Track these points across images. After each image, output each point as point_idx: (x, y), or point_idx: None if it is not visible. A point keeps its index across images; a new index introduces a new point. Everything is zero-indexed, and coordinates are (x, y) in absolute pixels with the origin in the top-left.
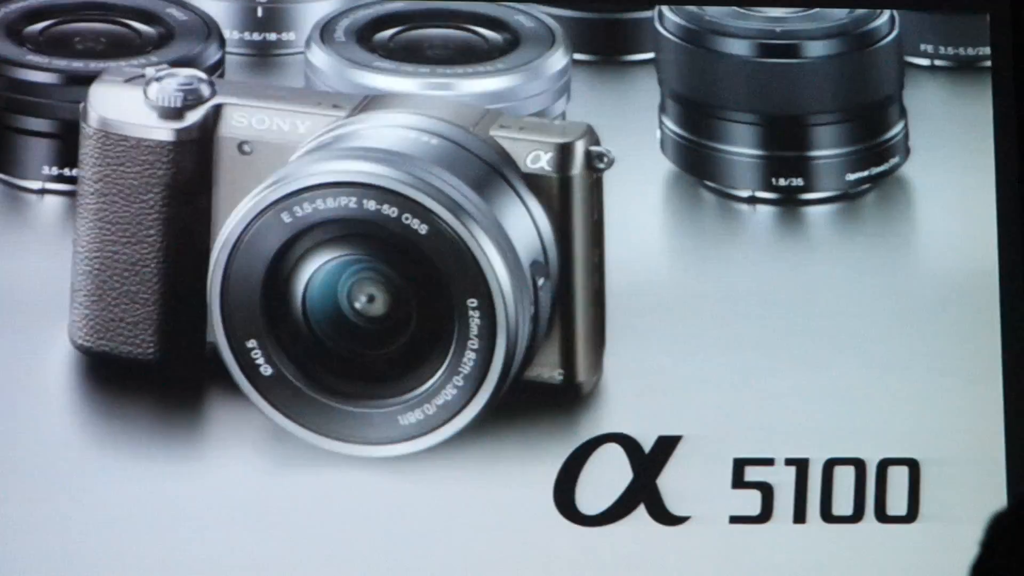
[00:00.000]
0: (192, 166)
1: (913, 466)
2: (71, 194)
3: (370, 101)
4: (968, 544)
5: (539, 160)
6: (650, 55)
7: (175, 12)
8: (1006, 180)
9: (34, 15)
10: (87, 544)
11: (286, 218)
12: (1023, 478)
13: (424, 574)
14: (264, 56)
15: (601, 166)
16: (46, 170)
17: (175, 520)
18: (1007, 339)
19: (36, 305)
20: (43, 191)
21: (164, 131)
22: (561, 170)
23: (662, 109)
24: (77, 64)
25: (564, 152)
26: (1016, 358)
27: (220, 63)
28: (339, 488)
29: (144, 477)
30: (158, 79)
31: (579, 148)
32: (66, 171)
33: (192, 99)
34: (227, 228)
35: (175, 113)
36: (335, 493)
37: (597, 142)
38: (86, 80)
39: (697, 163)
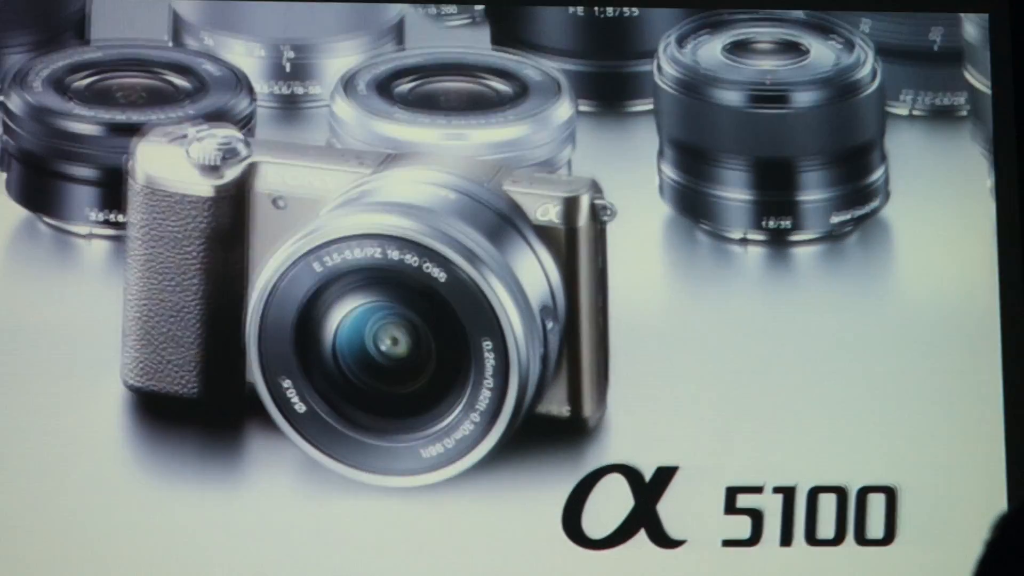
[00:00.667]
0: (230, 219)
1: (890, 493)
2: (116, 238)
3: (392, 158)
4: (941, 564)
5: (548, 213)
6: (649, 105)
7: (209, 66)
8: (1004, 178)
9: (79, 69)
10: (135, 568)
11: (317, 267)
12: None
13: None
14: (292, 107)
15: (605, 218)
16: (92, 215)
17: (218, 544)
18: (1008, 365)
19: (88, 345)
20: (90, 235)
21: (204, 187)
22: (568, 222)
23: (660, 155)
24: (119, 116)
25: (571, 205)
26: (1017, 378)
27: (251, 114)
28: (366, 515)
29: (189, 504)
30: (199, 139)
31: (584, 201)
32: (111, 216)
33: (230, 157)
34: (263, 276)
35: (214, 170)
36: (362, 520)
37: (601, 195)
38: (128, 130)
39: (693, 206)
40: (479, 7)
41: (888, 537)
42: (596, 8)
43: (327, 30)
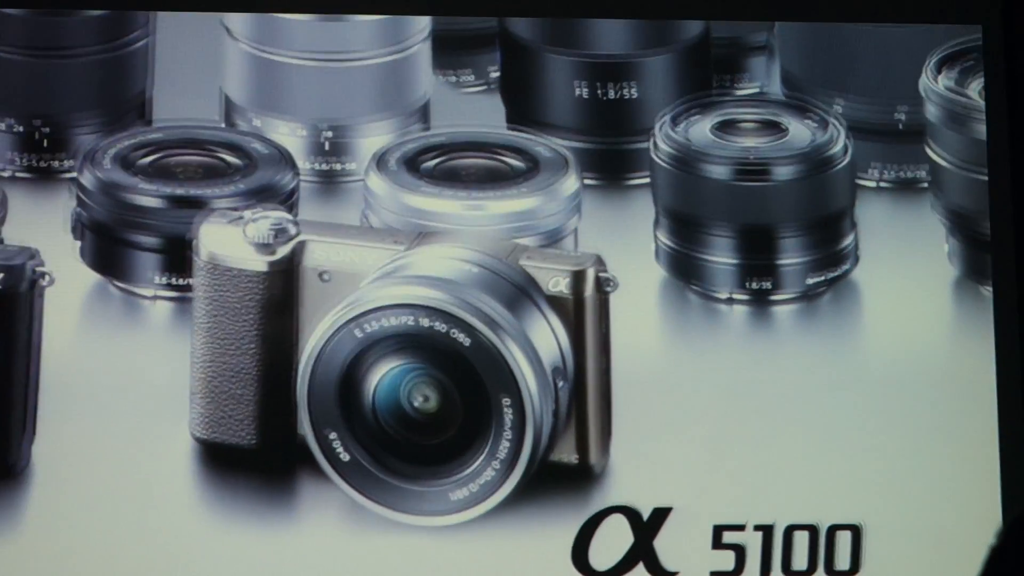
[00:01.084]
0: (281, 291)
1: (856, 530)
2: (178, 299)
3: (422, 236)
4: None
5: (558, 284)
6: (646, 178)
7: (257, 144)
8: (997, 188)
9: (142, 148)
10: None
11: (357, 333)
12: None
13: None
14: (330, 182)
15: (608, 289)
16: (156, 279)
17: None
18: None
19: (156, 399)
20: (155, 297)
21: (259, 263)
22: (576, 293)
23: (656, 224)
24: (179, 189)
25: (578, 278)
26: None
27: (295, 188)
28: (401, 551)
29: (247, 545)
30: (254, 220)
31: (590, 275)
32: (173, 279)
33: (281, 237)
34: (311, 342)
35: (268, 248)
36: (398, 555)
37: (605, 269)
38: (187, 203)
39: (684, 269)
40: (494, 74)
41: (854, 568)
42: (599, 91)
43: (361, 112)
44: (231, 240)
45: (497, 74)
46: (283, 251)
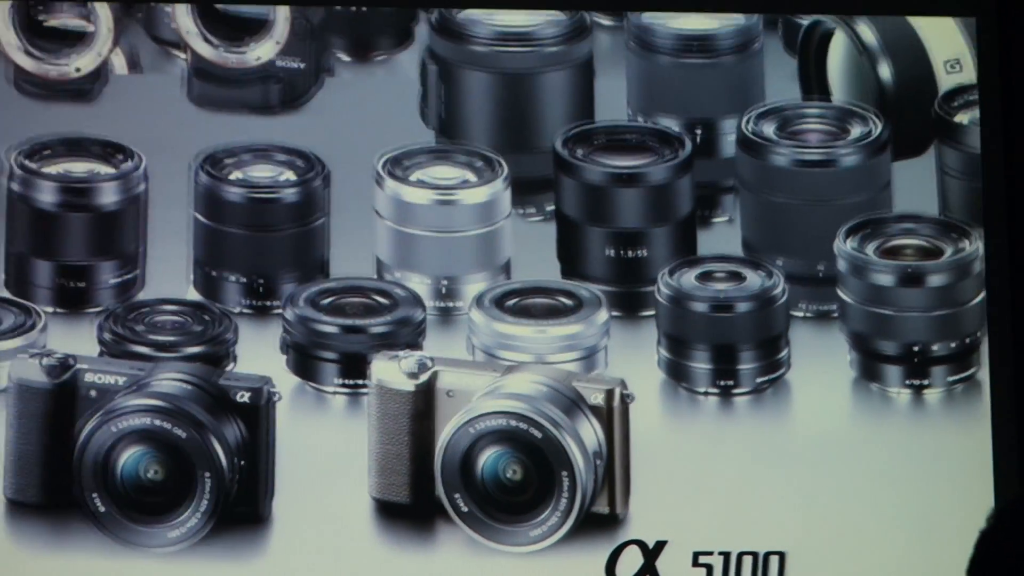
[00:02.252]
0: (423, 403)
1: (782, 555)
2: (352, 395)
3: (511, 368)
4: None
5: (597, 398)
6: (652, 312)
7: (398, 290)
8: (991, 179)
9: (324, 293)
10: None
11: (471, 431)
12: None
13: None
14: (446, 316)
15: (628, 401)
16: (336, 380)
17: None
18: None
19: (341, 467)
20: (335, 392)
21: (408, 386)
22: (608, 404)
23: (658, 342)
24: (347, 321)
25: (609, 395)
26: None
27: (423, 320)
28: (501, 568)
29: (405, 564)
30: (404, 358)
31: (617, 392)
32: (347, 381)
33: (422, 370)
34: (443, 436)
35: (414, 376)
36: (500, 571)
37: (626, 388)
38: (354, 330)
39: (675, 372)
40: (549, 208)
41: None
42: (622, 253)
43: (467, 269)
44: (391, 371)
45: (551, 208)
46: (424, 378)
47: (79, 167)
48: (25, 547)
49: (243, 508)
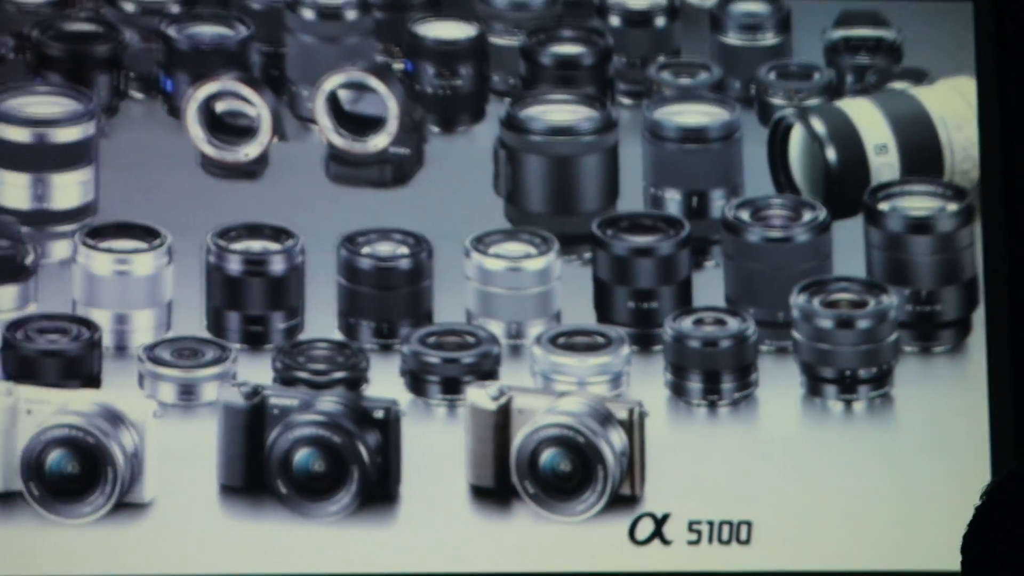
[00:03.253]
0: (502, 419)
1: (750, 524)
2: (450, 407)
3: (563, 393)
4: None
5: (622, 414)
6: (660, 348)
7: (481, 331)
8: (988, 162)
9: (430, 334)
10: None
11: (536, 437)
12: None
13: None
14: (515, 351)
15: (645, 415)
16: (438, 396)
17: (489, 554)
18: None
19: (444, 460)
20: (438, 405)
21: (493, 407)
22: (630, 418)
23: (664, 369)
24: (446, 354)
25: (631, 411)
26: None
27: (499, 354)
28: (557, 532)
29: (495, 529)
30: (490, 387)
31: (636, 410)
32: (447, 397)
33: (502, 396)
34: (516, 441)
35: (496, 400)
36: (556, 533)
37: (643, 407)
38: (451, 361)
39: (677, 391)
40: (587, 255)
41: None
42: (639, 305)
43: (530, 316)
44: (480, 397)
45: (588, 255)
46: (502, 401)
47: (256, 244)
48: (231, 517)
49: (380, 491)
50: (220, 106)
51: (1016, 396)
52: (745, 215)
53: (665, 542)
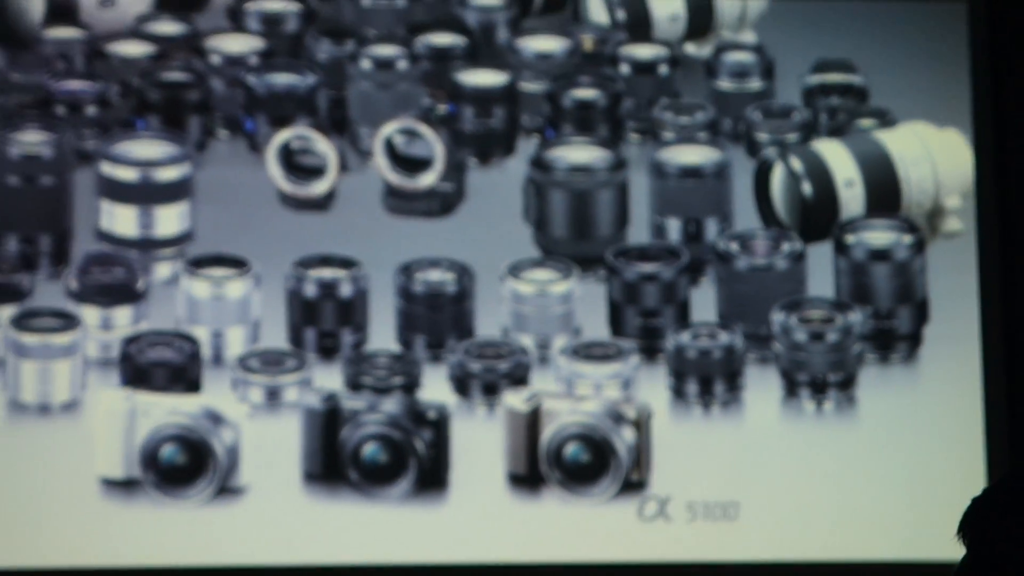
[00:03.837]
0: (534, 419)
1: (737, 503)
2: (490, 408)
3: (583, 397)
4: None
5: (632, 415)
6: (664, 357)
7: (515, 344)
8: (984, 162)
9: (473, 345)
10: None
11: (561, 434)
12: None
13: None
14: (543, 361)
15: (650, 415)
16: (479, 399)
17: (516, 544)
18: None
19: (486, 451)
20: (480, 406)
21: (526, 409)
22: (639, 418)
23: (667, 374)
24: (486, 362)
25: (639, 412)
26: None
27: (529, 363)
28: (579, 513)
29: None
30: (523, 393)
31: (643, 411)
32: (487, 398)
33: (533, 400)
34: (545, 437)
35: (529, 403)
36: (581, 514)
37: (651, 409)
38: (490, 369)
39: (678, 394)
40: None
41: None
42: (646, 322)
43: (555, 331)
44: (516, 400)
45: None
46: (533, 404)
47: (328, 272)
48: (312, 500)
49: (433, 478)
50: (294, 147)
51: (997, 394)
52: (734, 246)
53: (667, 519)
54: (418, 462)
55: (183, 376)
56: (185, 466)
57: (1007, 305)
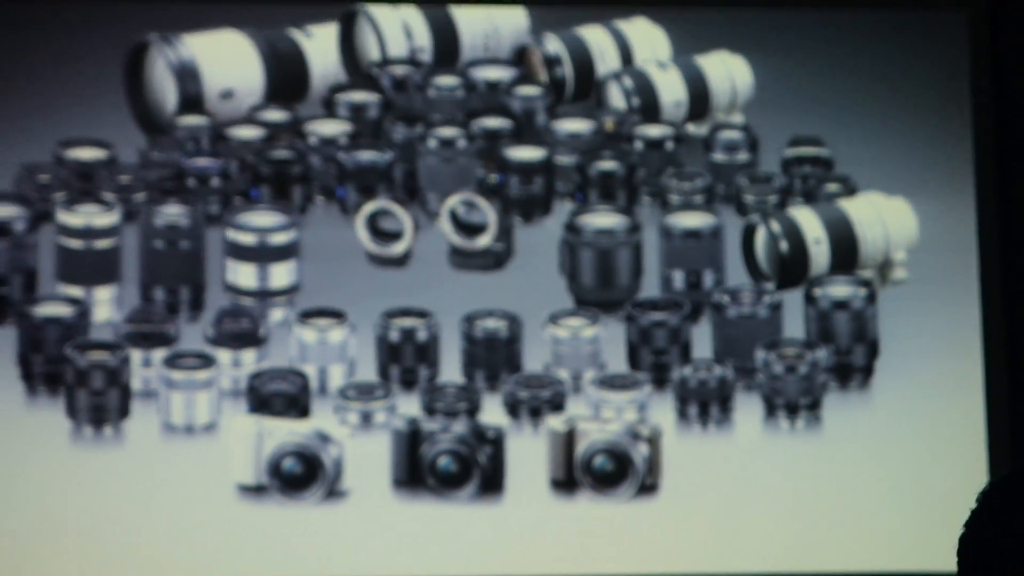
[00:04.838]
0: (570, 438)
1: (729, 505)
2: (535, 427)
3: (608, 419)
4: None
5: (646, 433)
6: (670, 387)
7: (554, 377)
8: (985, 162)
9: (521, 379)
10: None
11: (591, 448)
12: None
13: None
14: (576, 390)
15: (661, 434)
16: (526, 420)
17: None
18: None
19: (532, 461)
20: (527, 426)
21: (564, 429)
22: (651, 436)
23: (674, 399)
24: (532, 391)
25: (652, 431)
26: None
27: (565, 392)
28: (604, 511)
29: (565, 511)
30: (561, 417)
31: (656, 431)
32: (532, 420)
33: (571, 423)
34: (579, 451)
35: (566, 426)
36: (606, 512)
37: (661, 429)
38: (535, 397)
39: (681, 415)
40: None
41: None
42: (657, 359)
43: (585, 367)
44: (556, 423)
45: (624, 314)
46: (570, 427)
47: (408, 322)
48: (398, 501)
49: (493, 484)
50: (378, 212)
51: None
52: (726, 298)
53: (671, 518)
54: (481, 471)
55: (296, 404)
56: (301, 475)
57: (1008, 305)
